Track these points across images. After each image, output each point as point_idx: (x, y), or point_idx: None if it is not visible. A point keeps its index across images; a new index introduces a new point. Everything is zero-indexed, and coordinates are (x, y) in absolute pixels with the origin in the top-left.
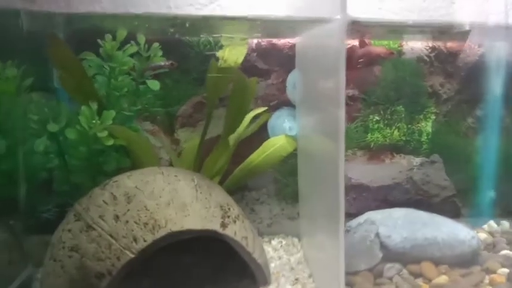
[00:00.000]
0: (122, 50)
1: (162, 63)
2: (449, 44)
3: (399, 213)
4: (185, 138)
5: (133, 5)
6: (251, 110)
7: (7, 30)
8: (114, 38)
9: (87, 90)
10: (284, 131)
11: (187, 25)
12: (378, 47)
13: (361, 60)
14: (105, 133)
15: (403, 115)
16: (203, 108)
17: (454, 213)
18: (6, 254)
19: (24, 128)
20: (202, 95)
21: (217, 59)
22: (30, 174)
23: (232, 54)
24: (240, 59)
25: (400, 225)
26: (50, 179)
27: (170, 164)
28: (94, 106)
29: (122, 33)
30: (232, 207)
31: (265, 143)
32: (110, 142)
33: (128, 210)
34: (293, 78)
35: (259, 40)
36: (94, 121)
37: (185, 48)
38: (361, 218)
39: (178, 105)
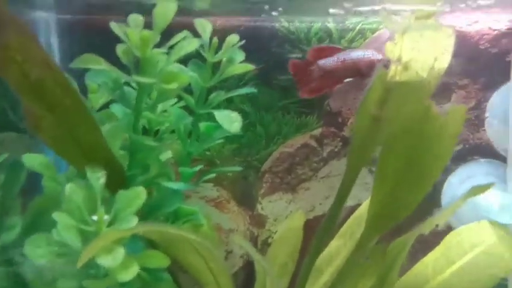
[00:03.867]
0: (167, 49)
1: None
2: None
3: None
4: (278, 214)
5: None
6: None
7: None
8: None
9: (87, 139)
10: (482, 213)
11: None
12: None
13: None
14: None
15: None
16: (313, 155)
17: None
18: None
19: None
20: (311, 133)
21: (386, 64)
22: None
23: (421, 50)
24: (445, 62)
25: None
26: None
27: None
28: (99, 177)
29: (166, 11)
30: None
31: (451, 239)
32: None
33: None
34: (502, 102)
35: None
36: (97, 216)
37: (280, 44)
38: None
39: (263, 153)
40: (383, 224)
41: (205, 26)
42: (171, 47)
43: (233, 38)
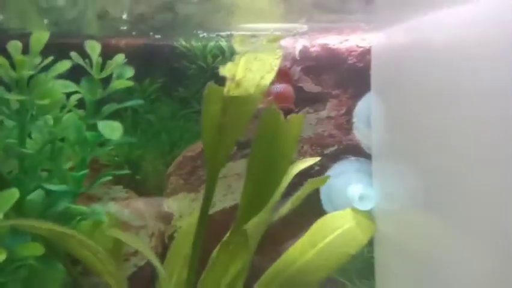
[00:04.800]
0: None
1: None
2: None
3: None
4: (182, 211)
5: None
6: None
7: None
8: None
9: None
10: (350, 201)
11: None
12: None
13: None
14: None
15: None
16: None
17: None
18: None
19: None
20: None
21: (222, 81)
22: None
23: (252, 70)
24: (268, 79)
25: None
26: None
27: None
28: None
29: (40, 38)
30: None
31: (317, 225)
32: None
33: None
34: (366, 109)
35: (305, 43)
36: None
37: (179, 60)
38: None
39: (167, 158)
40: (250, 213)
41: (94, 46)
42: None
43: (120, 57)
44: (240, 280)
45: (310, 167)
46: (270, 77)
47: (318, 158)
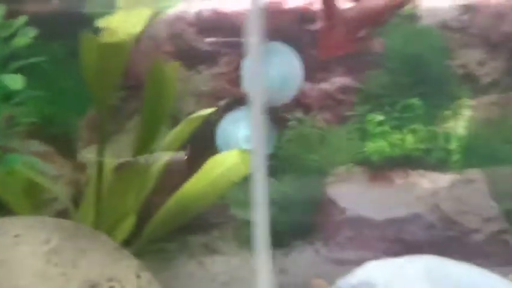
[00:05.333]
0: None
1: None
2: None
3: (416, 266)
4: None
5: None
6: (190, 112)
7: None
8: None
9: None
10: (239, 143)
11: None
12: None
13: (355, 24)
14: None
15: (421, 112)
16: (119, 113)
17: (506, 258)
18: None
19: None
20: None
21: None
22: None
23: (125, 21)
24: (139, 28)
25: None
26: None
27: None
28: None
29: None
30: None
31: (209, 162)
32: None
33: None
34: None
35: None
36: None
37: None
38: (355, 276)
39: (82, 112)
40: (144, 147)
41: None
42: None
43: (23, 18)
44: (136, 205)
45: (208, 117)
46: (140, 26)
47: (214, 109)
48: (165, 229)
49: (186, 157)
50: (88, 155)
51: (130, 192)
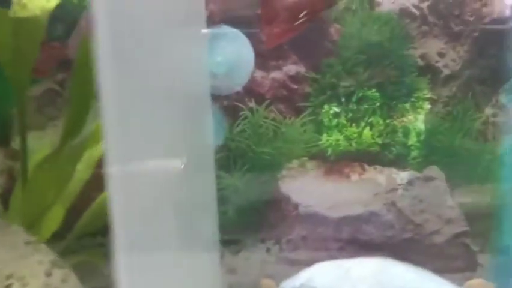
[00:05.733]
0: None
1: None
2: None
3: (363, 270)
4: (31, 148)
5: None
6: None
7: None
8: None
9: None
10: None
11: None
12: None
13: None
14: None
15: (378, 104)
16: (58, 97)
17: (465, 262)
18: None
19: None
20: (54, 79)
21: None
22: None
23: None
24: (54, 2)
25: None
26: None
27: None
28: None
29: None
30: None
31: None
32: None
33: None
34: None
35: None
36: None
37: None
38: (299, 279)
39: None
40: (71, 134)
41: None
42: None
43: None
44: (60, 201)
45: None
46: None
47: None
48: (101, 222)
49: None
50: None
51: (52, 183)
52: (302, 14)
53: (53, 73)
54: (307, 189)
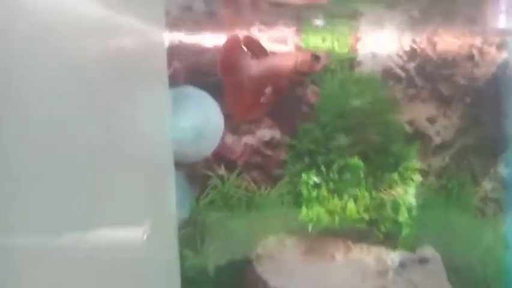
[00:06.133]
0: None
1: None
2: (441, 46)
3: None
4: None
5: None
6: None
7: None
8: None
9: None
10: None
11: None
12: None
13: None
14: None
15: (362, 174)
16: None
17: None
18: None
19: None
20: None
21: None
22: None
23: None
24: None
25: None
26: None
27: None
28: None
29: None
30: None
31: None
32: None
33: None
34: None
35: None
36: None
37: None
38: None
39: None
40: None
41: None
42: None
43: None
44: None
45: None
46: None
47: None
48: None
49: None
50: None
51: None
52: (267, 90)
53: None
54: (286, 270)
